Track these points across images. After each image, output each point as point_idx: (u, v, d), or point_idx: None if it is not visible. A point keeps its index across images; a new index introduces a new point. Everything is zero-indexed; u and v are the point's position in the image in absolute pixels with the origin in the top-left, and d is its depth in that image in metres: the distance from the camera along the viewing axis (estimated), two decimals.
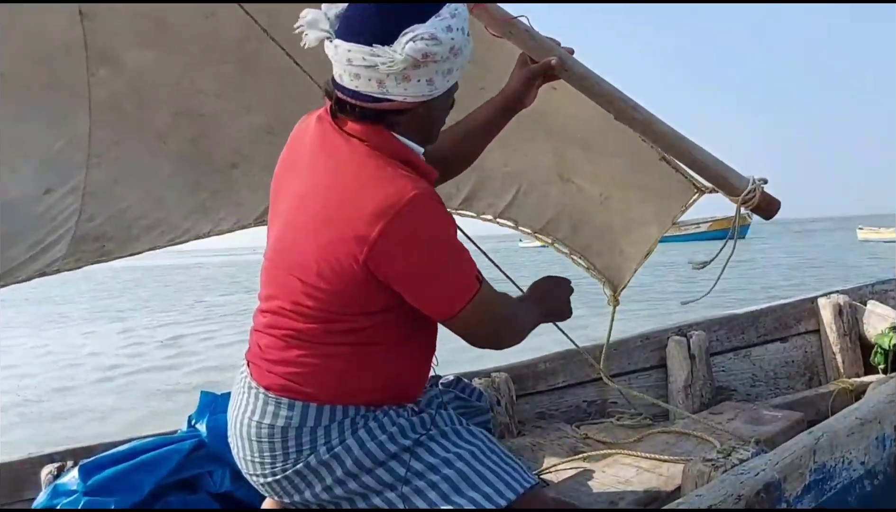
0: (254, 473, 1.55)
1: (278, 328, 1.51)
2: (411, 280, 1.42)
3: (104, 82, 2.01)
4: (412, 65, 1.37)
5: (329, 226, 1.39)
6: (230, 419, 1.59)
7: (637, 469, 2.18)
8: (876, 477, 1.73)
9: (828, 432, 1.60)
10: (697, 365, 2.91)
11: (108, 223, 2.22)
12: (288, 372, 1.49)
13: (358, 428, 1.50)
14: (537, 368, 2.80)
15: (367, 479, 1.50)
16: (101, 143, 2.09)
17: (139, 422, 5.93)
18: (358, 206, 1.37)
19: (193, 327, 13.08)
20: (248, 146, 2.36)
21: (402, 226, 1.35)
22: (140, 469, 1.94)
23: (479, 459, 1.52)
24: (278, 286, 1.52)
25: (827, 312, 3.23)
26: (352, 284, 1.40)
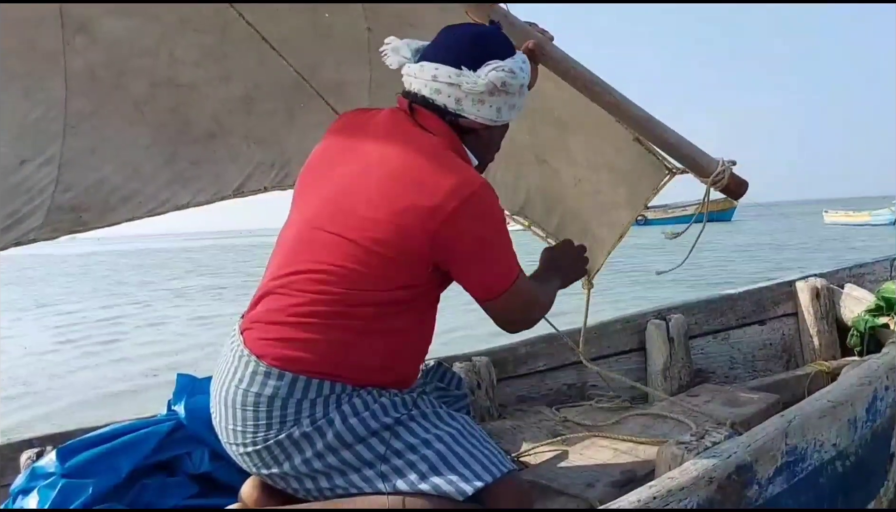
0: (234, 443, 1.56)
1: (298, 292, 1.54)
2: (470, 257, 1.57)
3: (80, 51, 1.99)
4: (489, 91, 1.60)
5: (405, 195, 1.51)
6: (214, 387, 1.61)
7: (614, 451, 2.20)
8: (847, 458, 1.76)
9: (800, 415, 1.62)
10: (676, 348, 2.94)
11: (85, 194, 2.19)
12: (291, 337, 1.52)
13: (342, 403, 1.53)
14: (518, 351, 2.81)
15: (346, 454, 1.52)
16: (77, 113, 2.07)
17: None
18: (435, 183, 1.51)
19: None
20: (227, 116, 2.35)
21: (474, 205, 1.51)
22: (118, 451, 1.93)
23: (458, 442, 1.55)
24: (316, 247, 1.56)
25: (805, 295, 3.26)
26: (409, 252, 1.51)
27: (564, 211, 2.68)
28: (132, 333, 10.35)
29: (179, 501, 1.94)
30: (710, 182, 1.92)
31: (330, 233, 1.55)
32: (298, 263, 1.56)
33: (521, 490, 1.58)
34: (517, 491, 1.56)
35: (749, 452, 1.49)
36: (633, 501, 1.32)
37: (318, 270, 1.53)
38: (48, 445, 2.13)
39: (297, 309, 1.53)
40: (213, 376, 1.63)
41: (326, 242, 1.54)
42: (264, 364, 1.52)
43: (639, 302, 8.30)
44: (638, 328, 3.00)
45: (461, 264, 1.58)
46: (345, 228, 1.53)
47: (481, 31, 1.68)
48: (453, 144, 1.64)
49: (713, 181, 1.92)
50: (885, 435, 1.90)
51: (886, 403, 1.84)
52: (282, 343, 1.53)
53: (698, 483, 1.39)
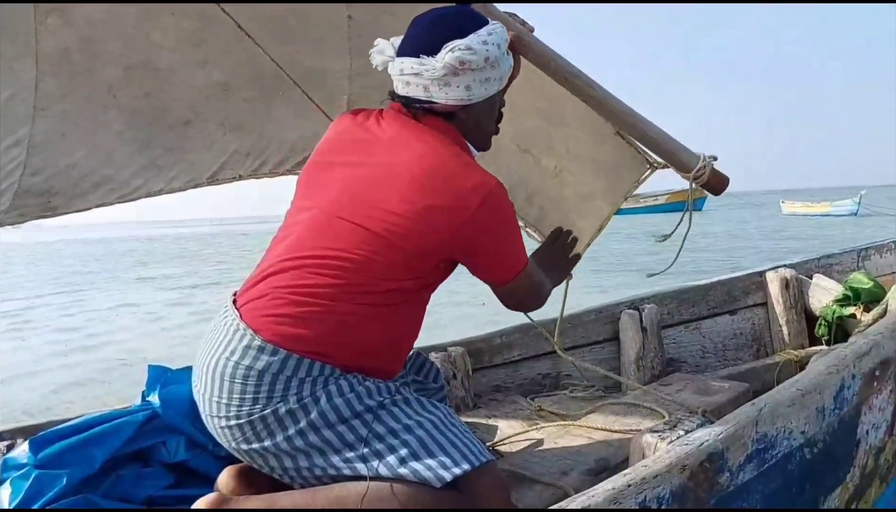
0: (217, 415, 1.57)
1: (302, 273, 1.59)
2: (488, 251, 1.67)
3: (53, 32, 1.95)
4: (451, 72, 1.62)
5: (431, 196, 1.58)
6: (201, 360, 1.62)
7: (589, 440, 2.23)
8: (815, 445, 1.79)
9: (770, 404, 1.65)
10: (649, 338, 2.97)
11: (54, 178, 2.16)
12: (288, 315, 1.56)
13: (329, 384, 1.56)
14: (493, 341, 2.83)
15: (328, 433, 1.53)
16: (48, 95, 2.03)
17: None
18: (458, 184, 1.59)
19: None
20: (204, 103, 2.32)
21: (492, 203, 1.61)
22: (92, 442, 1.91)
23: (438, 429, 1.58)
24: (330, 233, 1.61)
25: (774, 285, 3.32)
26: (427, 247, 1.60)
27: (545, 201, 2.69)
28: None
29: (155, 491, 1.94)
30: (691, 178, 1.93)
31: (350, 222, 1.60)
32: (313, 247, 1.61)
33: (498, 480, 1.61)
34: (494, 480, 1.59)
35: (720, 439, 1.51)
36: (608, 488, 1.34)
37: (334, 256, 1.58)
38: (19, 437, 2.10)
39: (305, 290, 1.57)
40: (200, 350, 1.65)
41: (345, 230, 1.60)
42: (259, 338, 1.54)
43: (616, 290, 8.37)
44: (612, 318, 3.03)
45: (479, 258, 1.69)
46: (366, 219, 1.59)
47: (440, 14, 1.71)
48: (457, 140, 1.72)
49: (694, 177, 1.93)
50: (852, 422, 1.94)
51: (853, 391, 1.88)
52: (281, 319, 1.56)
53: (671, 470, 1.41)
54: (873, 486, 2.18)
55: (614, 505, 1.32)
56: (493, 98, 1.75)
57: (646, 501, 1.36)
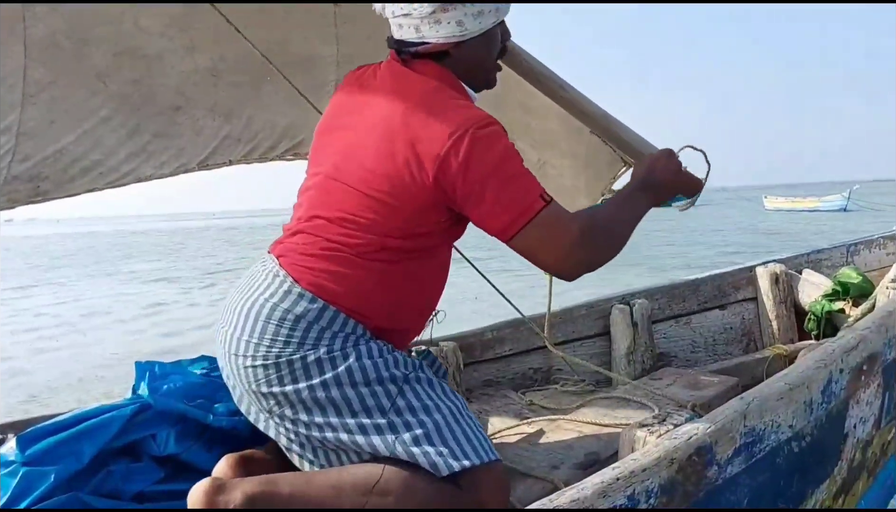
0: (243, 354, 1.57)
1: (328, 232, 1.60)
2: (476, 197, 1.53)
3: (41, 18, 1.94)
4: (440, 9, 1.57)
5: (403, 142, 1.53)
6: (233, 301, 1.63)
7: (579, 434, 2.23)
8: (803, 439, 1.81)
9: (758, 397, 1.66)
10: (640, 332, 2.98)
11: (43, 164, 2.14)
12: (321, 270, 1.58)
13: (359, 343, 1.58)
14: (484, 336, 2.84)
15: (350, 391, 1.53)
16: (36, 82, 2.02)
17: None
18: (432, 124, 1.52)
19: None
20: (192, 88, 2.31)
21: (472, 141, 1.50)
22: (80, 437, 1.89)
23: (455, 418, 1.58)
24: (338, 197, 1.61)
25: (764, 280, 3.33)
26: (418, 199, 1.55)
27: None
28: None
29: (145, 486, 1.92)
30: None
31: (344, 184, 1.61)
32: (321, 209, 1.63)
33: (500, 480, 1.59)
34: (497, 480, 1.58)
35: (709, 433, 1.52)
36: (597, 482, 1.35)
37: (339, 218, 1.59)
38: (9, 432, 2.09)
39: (327, 247, 1.59)
40: (232, 293, 1.68)
41: (342, 193, 1.61)
42: (300, 286, 1.57)
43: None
44: (602, 313, 3.04)
45: (468, 204, 1.55)
46: (354, 180, 1.59)
47: None
48: (449, 81, 1.65)
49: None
50: (840, 416, 1.96)
51: (841, 385, 1.90)
52: (316, 272, 1.58)
53: (660, 464, 1.42)
54: (861, 479, 2.20)
55: (603, 498, 1.33)
56: (491, 31, 1.67)
57: (634, 495, 1.37)
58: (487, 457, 1.54)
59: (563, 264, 1.60)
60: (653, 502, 1.40)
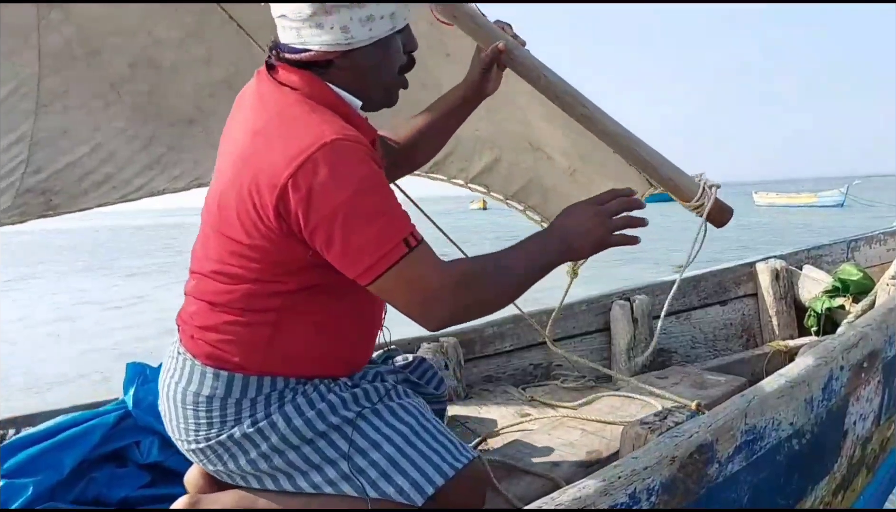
0: (181, 439, 1.52)
1: (206, 292, 1.45)
2: (321, 232, 1.29)
3: (56, 27, 1.92)
4: (321, 10, 1.32)
5: (248, 174, 1.31)
6: (161, 384, 1.55)
7: (582, 431, 2.24)
8: (804, 436, 1.81)
9: (759, 395, 1.66)
10: (640, 328, 2.99)
11: (56, 177, 2.14)
12: (215, 339, 1.44)
13: (285, 402, 1.45)
14: (485, 332, 2.85)
15: (292, 455, 1.46)
16: (50, 91, 2.01)
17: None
18: (276, 150, 1.29)
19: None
20: (207, 100, 2.29)
21: (313, 169, 1.25)
22: (61, 447, 1.88)
23: (410, 441, 1.48)
24: (206, 246, 1.46)
25: (765, 276, 3.34)
26: (270, 237, 1.33)
27: (561, 198, 2.66)
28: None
29: (130, 492, 1.91)
30: (691, 208, 1.74)
31: (212, 228, 1.43)
32: (198, 262, 1.49)
33: (472, 485, 1.52)
34: (469, 486, 1.51)
35: (710, 431, 1.53)
36: (599, 480, 1.35)
37: (212, 271, 1.43)
38: (9, 428, 2.08)
39: (212, 310, 1.44)
40: (161, 372, 1.57)
41: (211, 240, 1.43)
42: (199, 363, 1.45)
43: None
44: (603, 309, 3.05)
45: (316, 241, 1.31)
46: (220, 223, 1.39)
47: None
48: (316, 94, 1.39)
49: (694, 208, 1.74)
50: (840, 413, 1.96)
51: (841, 382, 1.90)
52: (211, 343, 1.44)
53: (661, 463, 1.42)
54: (860, 475, 2.21)
55: (605, 496, 1.33)
56: (388, 41, 1.41)
57: (636, 493, 1.37)
58: (453, 468, 1.45)
59: (422, 316, 1.37)
60: (654, 501, 1.40)
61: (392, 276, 1.30)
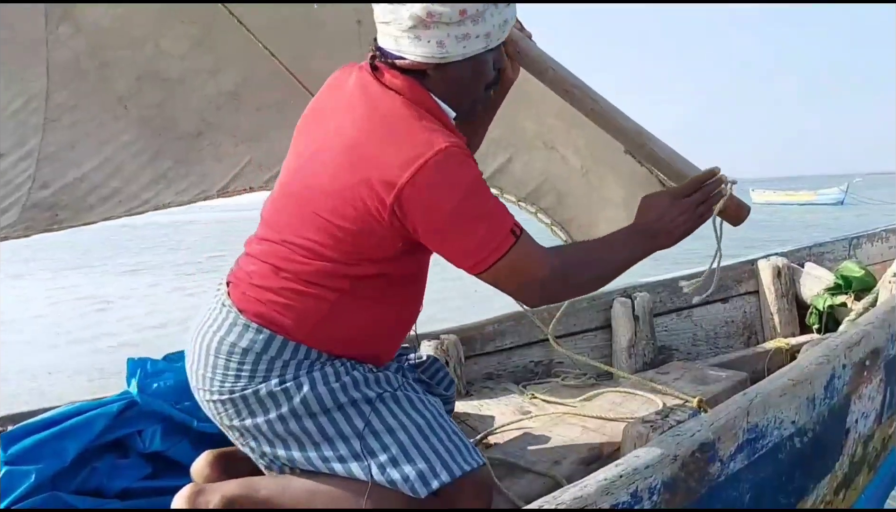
0: (203, 388, 1.55)
1: (274, 256, 1.52)
2: (437, 231, 1.43)
3: (64, 41, 1.93)
4: (421, 24, 1.40)
5: (360, 168, 1.41)
6: (193, 333, 1.59)
7: (583, 429, 2.24)
8: (805, 435, 1.81)
9: (761, 394, 1.66)
10: (641, 325, 2.98)
11: (63, 192, 2.14)
12: (269, 300, 1.51)
13: (314, 369, 1.52)
14: (485, 329, 2.84)
15: (308, 423, 1.50)
16: (58, 106, 2.01)
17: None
18: (391, 151, 1.40)
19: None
20: (215, 113, 2.29)
21: (431, 174, 1.37)
22: (64, 435, 1.88)
23: (424, 434, 1.52)
24: (288, 217, 1.53)
25: (766, 273, 3.33)
26: (371, 227, 1.43)
27: (575, 200, 2.65)
28: None
29: (131, 483, 1.91)
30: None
31: (298, 202, 1.51)
32: (275, 231, 1.56)
33: (477, 489, 1.56)
34: (474, 491, 1.55)
35: (712, 430, 1.52)
36: (600, 479, 1.35)
37: (290, 243, 1.50)
38: (7, 424, 2.08)
39: (275, 275, 1.52)
40: (193, 323, 1.62)
41: (296, 214, 1.51)
42: (244, 318, 1.51)
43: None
44: (604, 306, 3.04)
45: (429, 239, 1.45)
46: (309, 201, 1.48)
47: None
48: (419, 100, 1.48)
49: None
50: (842, 412, 1.96)
51: (843, 381, 1.89)
52: (263, 303, 1.52)
53: (663, 461, 1.42)
54: (862, 473, 2.20)
55: (606, 496, 1.32)
56: (479, 58, 1.48)
57: (637, 492, 1.37)
58: (461, 469, 1.50)
59: (528, 298, 1.60)
60: (656, 500, 1.40)
61: (503, 264, 1.43)
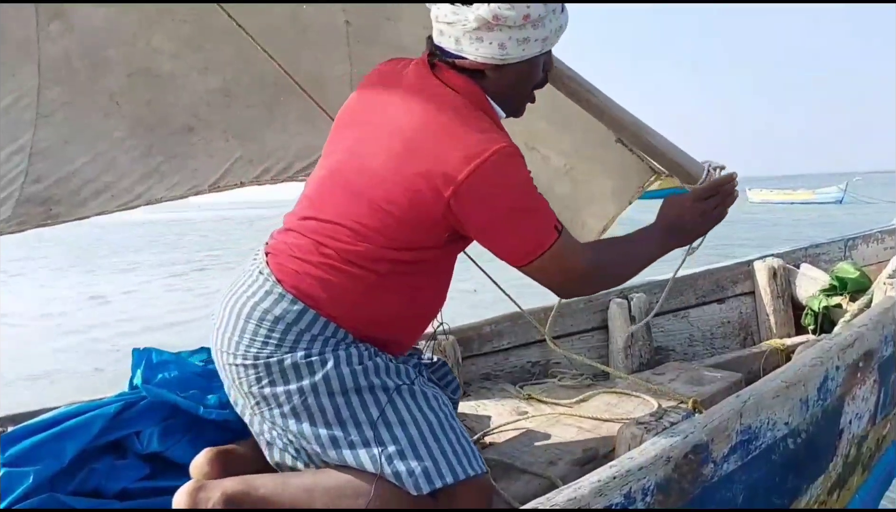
0: (227, 351, 1.57)
1: (317, 233, 1.57)
2: (489, 226, 1.52)
3: (55, 38, 1.95)
4: (485, 26, 1.48)
5: (419, 159, 1.48)
6: (225, 297, 1.62)
7: (578, 429, 2.25)
8: (799, 436, 1.82)
9: (755, 395, 1.67)
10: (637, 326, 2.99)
11: (56, 186, 2.16)
12: (307, 273, 1.55)
13: (339, 348, 1.55)
14: (482, 330, 2.85)
15: (325, 401, 1.52)
16: (50, 102, 2.03)
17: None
18: (451, 147, 1.47)
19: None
20: (206, 109, 2.32)
21: (490, 172, 1.45)
22: (62, 436, 1.87)
23: (434, 433, 1.54)
24: (337, 199, 1.57)
25: (762, 274, 3.34)
26: (421, 216, 1.50)
27: (556, 198, 2.67)
28: None
29: (129, 484, 1.90)
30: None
31: (349, 185, 1.56)
32: (319, 210, 1.60)
33: (477, 497, 1.57)
34: (475, 494, 1.56)
35: (705, 431, 1.54)
36: (594, 480, 1.36)
37: (336, 223, 1.55)
38: (8, 425, 2.08)
39: (316, 251, 1.55)
40: (226, 289, 1.66)
41: (345, 196, 1.56)
42: (281, 287, 1.55)
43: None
44: (601, 307, 3.05)
45: (481, 233, 1.54)
46: (361, 184, 1.54)
47: None
48: (476, 100, 1.57)
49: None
50: (836, 413, 1.97)
51: (837, 382, 1.91)
52: (301, 276, 1.55)
53: (657, 462, 1.43)
54: (856, 474, 2.22)
55: (600, 497, 1.34)
56: (534, 60, 1.59)
57: (631, 493, 1.39)
58: (465, 473, 1.52)
59: (566, 291, 1.76)
60: (649, 501, 1.42)
61: (546, 258, 1.53)
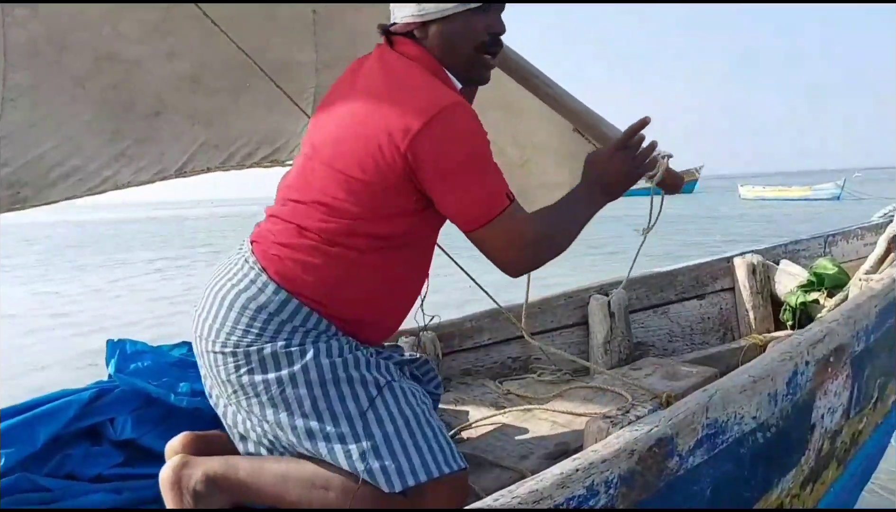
0: (207, 338, 1.58)
1: (298, 216, 1.59)
2: (443, 180, 1.51)
3: (21, 23, 1.96)
4: None
5: (378, 116, 1.51)
6: (208, 282, 1.64)
7: (552, 424, 2.26)
8: (768, 430, 1.84)
9: (721, 390, 1.68)
10: (617, 322, 3.01)
11: (24, 169, 2.16)
12: (291, 257, 1.57)
13: (319, 340, 1.56)
14: (463, 326, 2.86)
15: (302, 391, 1.53)
16: (16, 86, 2.03)
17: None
18: (408, 101, 1.49)
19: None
20: (172, 94, 2.34)
21: (442, 123, 1.46)
22: (35, 421, 1.91)
23: (411, 429, 1.54)
24: (313, 178, 1.60)
25: (741, 270, 3.36)
26: (388, 177, 1.51)
27: (513, 189, 2.71)
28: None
29: (103, 470, 1.94)
30: (645, 177, 1.90)
31: (323, 164, 1.59)
32: (297, 192, 1.62)
33: (451, 494, 1.57)
34: (447, 494, 1.56)
35: (670, 425, 1.55)
36: (557, 473, 1.37)
37: (313, 201, 1.57)
38: None
39: (298, 234, 1.58)
40: (210, 277, 1.67)
41: (321, 174, 1.59)
42: (265, 275, 1.57)
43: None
44: (580, 303, 3.07)
45: (435, 188, 1.53)
46: (332, 158, 1.57)
47: None
48: (431, 67, 1.61)
49: (648, 176, 1.90)
50: (807, 407, 1.99)
51: (807, 377, 1.92)
52: (284, 261, 1.57)
53: (620, 456, 1.44)
54: (830, 468, 2.23)
55: (562, 489, 1.35)
56: (464, 18, 1.60)
57: (594, 485, 1.40)
58: (439, 470, 1.52)
59: (513, 263, 1.64)
60: (612, 493, 1.43)
61: (494, 225, 1.54)
